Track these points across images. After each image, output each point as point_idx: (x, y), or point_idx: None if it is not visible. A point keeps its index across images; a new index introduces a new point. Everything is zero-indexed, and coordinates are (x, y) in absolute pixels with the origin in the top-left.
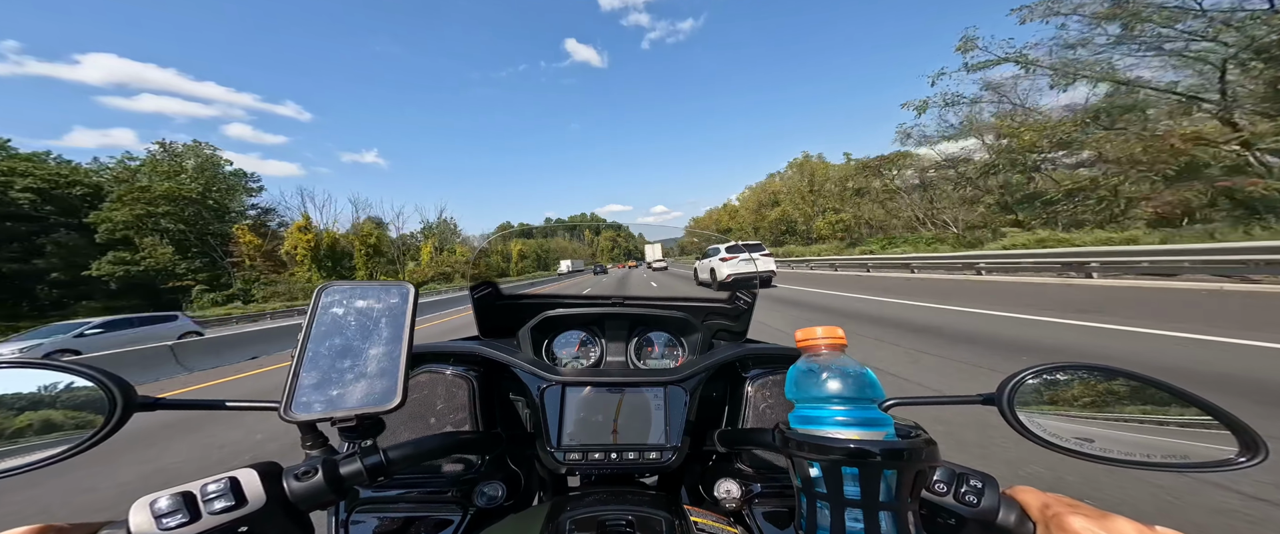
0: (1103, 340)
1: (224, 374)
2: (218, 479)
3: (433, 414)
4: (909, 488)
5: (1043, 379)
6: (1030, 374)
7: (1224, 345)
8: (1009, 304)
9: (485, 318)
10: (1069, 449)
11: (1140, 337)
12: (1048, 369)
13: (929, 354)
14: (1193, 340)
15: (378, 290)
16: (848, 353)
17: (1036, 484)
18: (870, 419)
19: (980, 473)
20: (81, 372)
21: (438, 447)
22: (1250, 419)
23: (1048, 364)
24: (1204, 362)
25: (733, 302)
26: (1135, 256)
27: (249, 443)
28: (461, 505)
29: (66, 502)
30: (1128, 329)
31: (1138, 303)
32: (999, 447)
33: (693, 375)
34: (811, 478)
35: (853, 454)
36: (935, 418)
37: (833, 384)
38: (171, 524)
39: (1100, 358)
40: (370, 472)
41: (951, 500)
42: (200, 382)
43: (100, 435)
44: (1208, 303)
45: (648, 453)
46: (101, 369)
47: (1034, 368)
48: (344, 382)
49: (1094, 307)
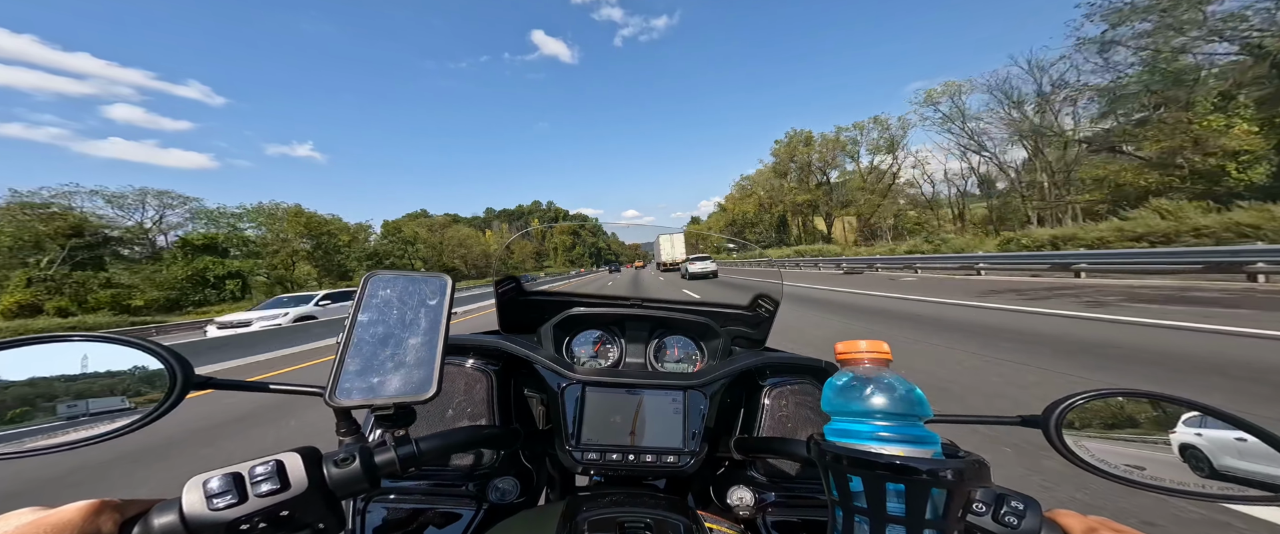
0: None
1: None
2: (265, 461)
3: (451, 407)
4: (957, 508)
5: (1091, 403)
6: (1080, 398)
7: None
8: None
9: (507, 313)
10: (1120, 477)
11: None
12: (1098, 394)
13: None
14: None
15: (418, 281)
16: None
17: (1074, 509)
18: (918, 436)
19: (1021, 494)
20: (151, 349)
21: (464, 440)
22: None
23: (1098, 390)
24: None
25: (754, 308)
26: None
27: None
28: (476, 500)
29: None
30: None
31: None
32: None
33: (714, 381)
34: (851, 492)
35: (900, 470)
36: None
37: (878, 399)
38: (221, 504)
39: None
40: (402, 462)
41: (991, 522)
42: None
43: (162, 410)
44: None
45: (665, 457)
46: (167, 348)
47: (1084, 393)
48: (384, 370)
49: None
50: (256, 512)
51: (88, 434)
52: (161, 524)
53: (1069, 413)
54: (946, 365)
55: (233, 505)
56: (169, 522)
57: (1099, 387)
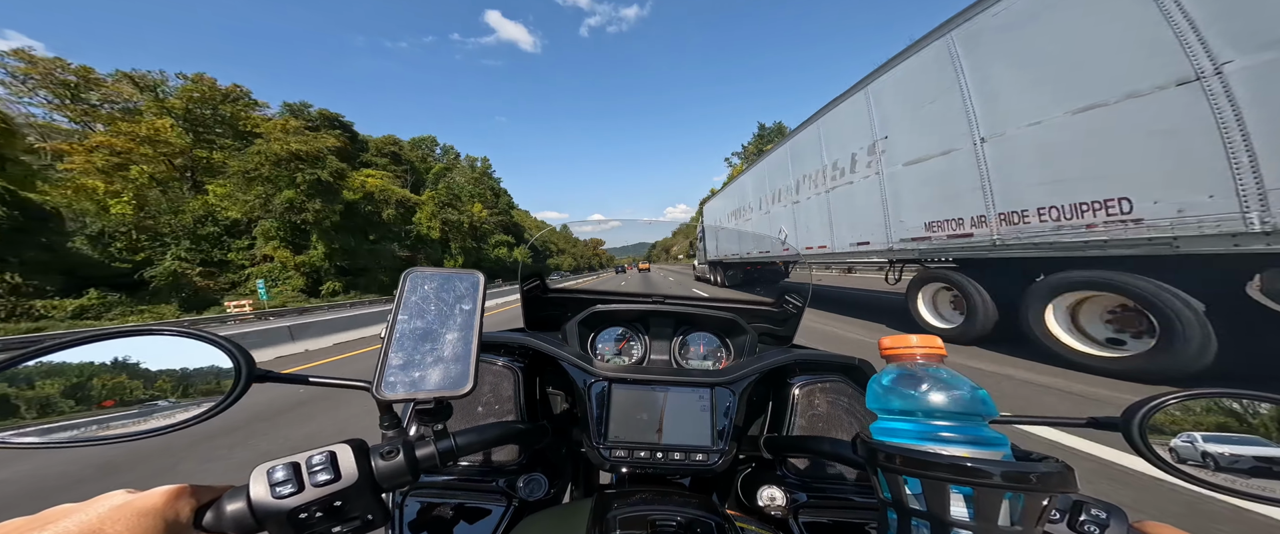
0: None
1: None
2: (319, 452)
3: (480, 403)
4: (1036, 516)
5: (1181, 405)
6: (1172, 399)
7: None
8: None
9: (532, 310)
10: (1221, 486)
11: None
12: (1189, 395)
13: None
14: None
15: (453, 277)
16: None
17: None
18: (984, 437)
19: (1102, 502)
20: (219, 343)
21: (497, 436)
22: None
23: (1189, 391)
24: None
25: (780, 305)
26: None
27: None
28: (506, 496)
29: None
30: None
31: None
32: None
33: (743, 378)
34: (906, 494)
35: (967, 472)
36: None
37: (936, 396)
38: (283, 493)
39: None
40: (442, 456)
41: (1067, 529)
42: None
43: (229, 401)
44: None
45: (694, 455)
46: (233, 342)
47: (1175, 393)
48: (424, 364)
49: None
50: (313, 501)
51: (163, 423)
52: (232, 511)
53: (1154, 415)
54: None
55: (293, 494)
56: (238, 509)
57: (1188, 389)
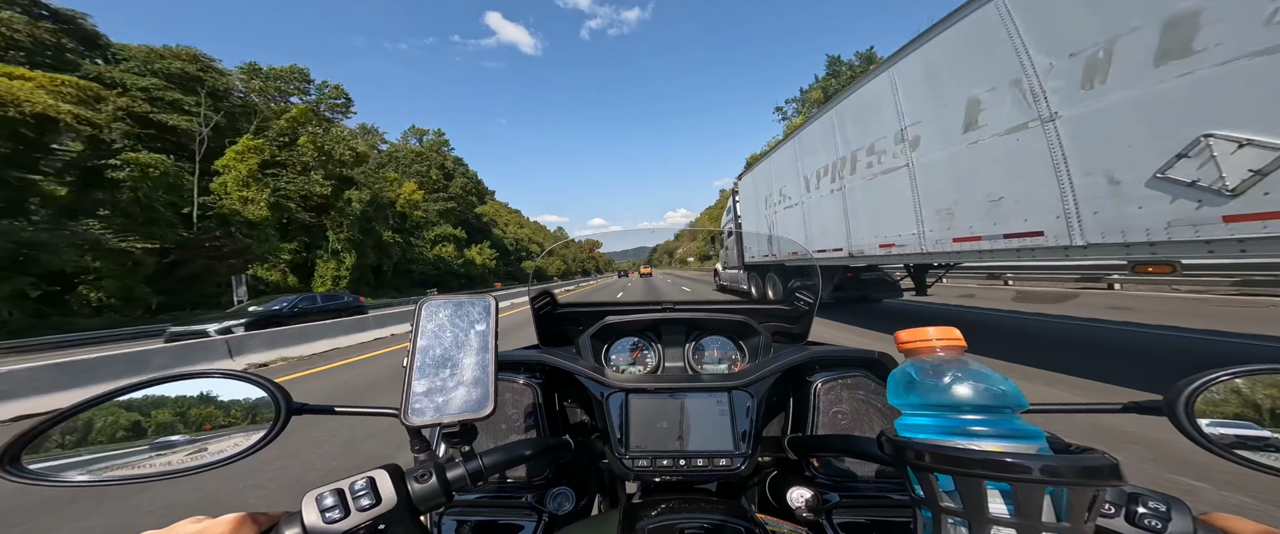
0: None
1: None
2: (361, 478)
3: (504, 421)
4: (1085, 510)
5: (1231, 383)
6: (1224, 375)
7: None
8: None
9: (544, 327)
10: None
11: None
12: (1243, 372)
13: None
14: None
15: (465, 303)
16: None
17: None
18: (1017, 430)
19: (1159, 493)
20: (259, 383)
21: (523, 454)
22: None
23: (1237, 369)
24: None
25: (792, 303)
26: None
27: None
28: (536, 511)
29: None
30: None
31: None
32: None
33: (760, 380)
34: (939, 492)
35: (1002, 467)
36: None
37: (962, 389)
38: (333, 518)
39: None
40: (471, 476)
41: (1125, 524)
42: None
43: (271, 436)
44: None
45: (717, 460)
46: (273, 382)
47: (1224, 371)
48: (446, 389)
49: None
50: (358, 526)
51: (211, 460)
52: None
53: (1201, 394)
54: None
55: (340, 519)
56: None
57: (1235, 366)
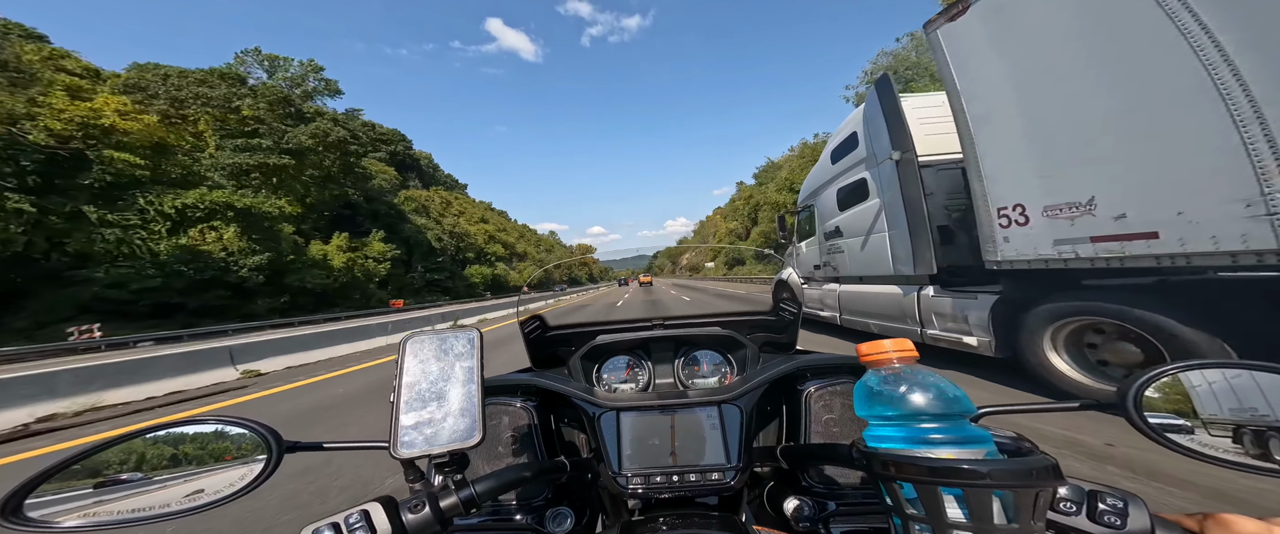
0: None
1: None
2: (354, 511)
3: (500, 444)
4: (1031, 511)
5: (1176, 379)
6: (1167, 372)
7: None
8: None
9: (536, 350)
10: (1221, 459)
11: None
12: (1187, 367)
13: None
14: None
15: (449, 337)
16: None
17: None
18: (967, 436)
19: (1118, 490)
20: (251, 426)
21: (515, 478)
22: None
23: (1179, 364)
24: None
25: (777, 312)
26: None
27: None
28: (535, 532)
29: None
30: None
31: None
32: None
33: (746, 392)
34: (904, 499)
35: (952, 473)
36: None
37: (916, 398)
38: None
39: None
40: (464, 504)
41: (1087, 522)
42: None
43: (265, 475)
44: None
45: (710, 474)
46: (264, 425)
47: (1165, 369)
48: (434, 421)
49: None
50: None
51: (207, 500)
52: None
53: (1147, 390)
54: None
55: None
56: None
57: (1179, 362)
